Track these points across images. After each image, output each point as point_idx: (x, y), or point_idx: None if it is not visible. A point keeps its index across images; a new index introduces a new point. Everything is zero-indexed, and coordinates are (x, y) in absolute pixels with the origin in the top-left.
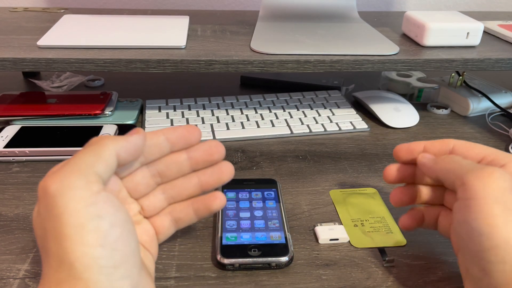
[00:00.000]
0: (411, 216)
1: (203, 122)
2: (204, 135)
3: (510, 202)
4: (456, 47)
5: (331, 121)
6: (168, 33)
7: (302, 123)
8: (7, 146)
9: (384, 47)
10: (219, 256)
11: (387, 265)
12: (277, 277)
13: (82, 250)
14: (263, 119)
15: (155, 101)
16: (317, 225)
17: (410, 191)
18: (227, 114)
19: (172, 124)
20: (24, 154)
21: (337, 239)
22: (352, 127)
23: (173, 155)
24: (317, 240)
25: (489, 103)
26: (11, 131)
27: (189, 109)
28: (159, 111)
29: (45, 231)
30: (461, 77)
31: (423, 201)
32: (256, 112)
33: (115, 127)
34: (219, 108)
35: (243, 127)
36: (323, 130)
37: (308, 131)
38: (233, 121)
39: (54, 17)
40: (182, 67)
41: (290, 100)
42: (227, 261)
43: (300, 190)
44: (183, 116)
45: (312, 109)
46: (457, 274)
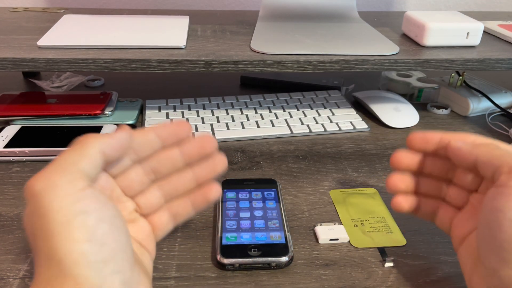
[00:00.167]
0: (407, 199)
1: (203, 122)
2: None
3: None
4: (456, 47)
5: (331, 121)
6: (168, 33)
7: (302, 123)
8: (7, 146)
9: (384, 47)
10: (219, 256)
11: (387, 265)
12: (277, 277)
13: (69, 246)
14: (263, 119)
15: (155, 101)
16: (317, 225)
17: (407, 179)
18: (227, 114)
19: None
20: (24, 154)
21: (337, 239)
22: (352, 127)
23: (166, 151)
24: (317, 240)
25: (489, 103)
26: (11, 131)
27: (189, 109)
28: (159, 111)
29: (34, 230)
30: (461, 77)
31: (421, 192)
32: (256, 112)
33: (115, 127)
34: (219, 108)
35: (243, 127)
36: (323, 130)
37: (308, 131)
38: (233, 121)
39: (54, 17)
40: (182, 67)
41: (290, 100)
42: (227, 261)
43: (300, 190)
44: (183, 116)
45: (312, 109)
46: (457, 274)
